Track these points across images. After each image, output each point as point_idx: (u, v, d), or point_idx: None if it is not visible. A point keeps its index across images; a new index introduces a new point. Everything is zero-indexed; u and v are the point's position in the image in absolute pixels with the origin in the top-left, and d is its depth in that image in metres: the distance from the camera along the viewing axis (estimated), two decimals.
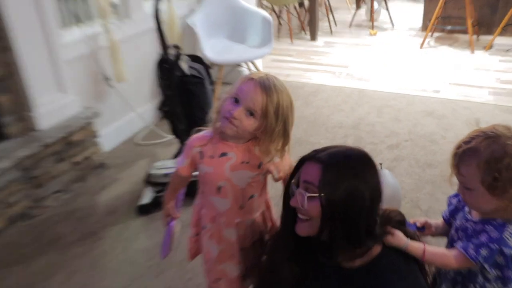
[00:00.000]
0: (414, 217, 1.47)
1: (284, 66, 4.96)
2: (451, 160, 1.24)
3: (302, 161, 1.20)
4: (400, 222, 1.27)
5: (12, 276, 2.26)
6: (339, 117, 3.74)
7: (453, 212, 1.43)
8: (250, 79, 1.30)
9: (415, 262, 1.23)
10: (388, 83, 4.36)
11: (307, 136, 3.43)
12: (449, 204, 1.46)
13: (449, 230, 1.42)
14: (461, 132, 3.26)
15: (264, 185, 1.52)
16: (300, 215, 1.18)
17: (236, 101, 1.30)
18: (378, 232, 1.17)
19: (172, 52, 2.60)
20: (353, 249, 1.15)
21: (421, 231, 1.43)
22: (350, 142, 3.32)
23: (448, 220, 1.44)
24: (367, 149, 3.08)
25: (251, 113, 1.29)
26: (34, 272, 2.28)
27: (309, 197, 1.12)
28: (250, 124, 1.30)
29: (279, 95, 1.28)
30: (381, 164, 1.25)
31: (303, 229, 1.19)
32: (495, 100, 3.86)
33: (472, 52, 4.97)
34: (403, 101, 3.94)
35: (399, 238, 1.21)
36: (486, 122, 1.25)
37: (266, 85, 1.27)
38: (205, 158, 1.42)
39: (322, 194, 1.10)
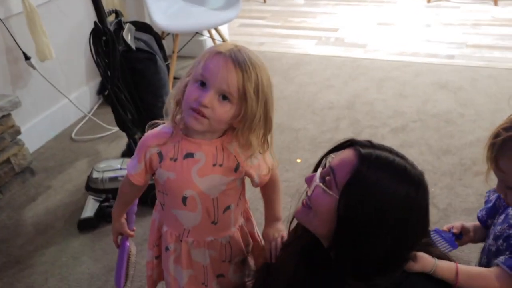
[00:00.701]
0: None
1: (256, 33, 4.92)
2: (486, 152, 1.21)
3: (349, 143, 1.21)
4: (426, 243, 1.24)
5: None
6: (328, 95, 3.73)
7: (491, 212, 1.41)
8: (217, 53, 1.24)
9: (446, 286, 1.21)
10: (388, 49, 4.37)
11: (289, 121, 3.41)
12: (487, 201, 1.45)
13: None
14: (484, 108, 3.39)
15: (242, 192, 1.49)
16: (305, 198, 1.21)
17: (203, 84, 1.24)
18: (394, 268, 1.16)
19: (111, 19, 2.53)
20: (357, 282, 1.14)
21: (459, 238, 1.42)
22: (344, 126, 3.32)
23: (485, 222, 1.43)
24: (366, 133, 3.21)
25: (224, 97, 1.24)
26: None
27: (320, 188, 1.14)
28: (225, 111, 1.25)
29: (257, 71, 1.24)
30: None
31: (300, 214, 1.23)
32: None
33: (496, 4, 4.98)
34: (409, 72, 3.95)
35: (424, 262, 1.18)
36: None
37: (240, 59, 1.23)
38: (165, 161, 1.36)
39: (341, 199, 1.10)
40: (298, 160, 2.98)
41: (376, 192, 1.08)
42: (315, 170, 1.25)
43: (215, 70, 1.22)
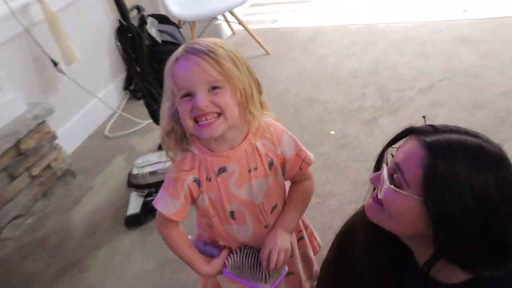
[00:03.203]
0: None
1: (267, 11, 4.77)
2: None
3: (409, 131, 1.06)
4: None
5: None
6: (350, 64, 3.58)
7: None
8: (175, 61, 1.14)
9: None
10: (401, 10, 4.19)
11: (316, 94, 3.27)
12: None
13: None
14: (509, 58, 3.21)
15: (283, 185, 1.38)
16: (375, 194, 1.07)
17: (187, 95, 1.12)
18: None
19: (133, 15, 2.39)
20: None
21: None
22: (371, 92, 3.17)
23: None
24: (394, 98, 3.06)
25: (214, 88, 1.12)
26: None
27: (391, 189, 0.99)
28: (225, 99, 1.13)
29: (220, 45, 1.15)
30: (424, 117, 1.08)
31: (372, 211, 1.08)
32: None
33: None
34: (427, 30, 3.78)
35: None
36: None
37: (198, 48, 1.12)
38: (203, 185, 1.26)
39: (426, 201, 0.95)
40: (332, 132, 2.83)
41: (460, 183, 0.92)
42: (377, 165, 1.12)
43: (185, 73, 1.11)
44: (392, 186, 0.98)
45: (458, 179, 0.92)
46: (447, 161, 0.93)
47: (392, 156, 1.07)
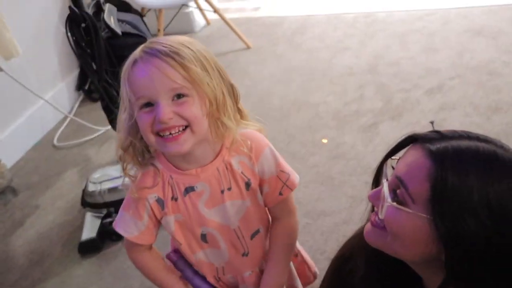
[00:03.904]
0: None
1: None
2: None
3: (411, 139, 1.08)
4: None
5: None
6: (345, 59, 3.63)
7: None
8: (133, 64, 1.15)
9: None
10: None
11: (305, 96, 3.31)
12: None
13: None
14: None
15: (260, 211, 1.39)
16: (374, 215, 1.09)
17: (147, 105, 1.14)
18: None
19: (88, 1, 2.40)
20: None
21: None
22: (370, 93, 3.21)
23: None
24: (397, 99, 3.12)
25: (179, 96, 1.13)
26: None
27: (393, 208, 1.01)
28: (191, 109, 1.14)
29: (186, 45, 1.15)
30: (432, 123, 1.10)
31: (373, 237, 1.10)
32: None
33: None
34: (435, 20, 3.85)
35: None
36: None
37: (160, 49, 1.13)
38: (167, 205, 1.27)
39: (435, 220, 0.96)
40: (324, 141, 2.87)
41: (474, 197, 0.94)
42: (376, 180, 1.14)
43: (145, 79, 1.12)
44: (395, 204, 1.00)
45: (471, 192, 0.94)
46: (457, 171, 0.95)
47: (393, 168, 1.08)
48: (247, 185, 1.28)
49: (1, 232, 2.71)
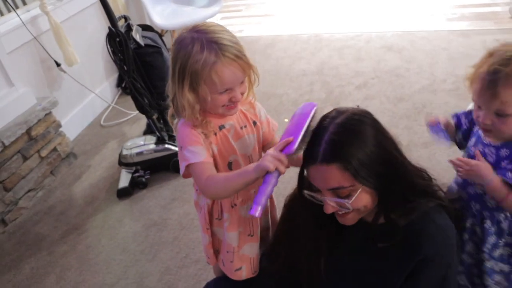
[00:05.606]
0: None
1: (236, 23, 4.74)
2: (480, 89, 1.09)
3: (306, 167, 1.03)
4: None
5: (4, 286, 2.09)
6: (301, 65, 3.60)
7: (466, 134, 1.31)
8: (213, 64, 1.09)
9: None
10: (342, 23, 4.23)
11: (273, 89, 3.29)
12: (460, 123, 1.34)
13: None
14: (424, 62, 3.28)
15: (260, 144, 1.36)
16: (340, 212, 1.04)
17: (225, 90, 1.14)
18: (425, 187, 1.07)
19: (121, 24, 2.37)
20: (404, 205, 1.03)
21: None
22: (317, 88, 3.21)
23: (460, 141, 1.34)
24: (336, 92, 3.10)
25: (242, 82, 1.18)
26: (25, 277, 2.12)
27: (345, 203, 1.00)
28: (243, 90, 1.20)
29: (234, 41, 1.14)
30: (358, 106, 1.10)
31: (351, 220, 1.05)
32: (449, 26, 3.78)
33: None
34: (361, 40, 3.82)
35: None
36: (443, 48, 1.12)
37: (234, 52, 1.12)
38: (210, 137, 1.22)
39: (363, 185, 0.98)
40: (286, 120, 2.86)
41: (360, 149, 0.97)
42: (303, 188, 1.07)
43: (231, 77, 1.12)
44: (346, 200, 0.98)
45: (366, 138, 0.98)
46: (347, 151, 0.96)
47: (319, 191, 1.03)
48: (254, 123, 1.29)
49: (66, 183, 2.72)
